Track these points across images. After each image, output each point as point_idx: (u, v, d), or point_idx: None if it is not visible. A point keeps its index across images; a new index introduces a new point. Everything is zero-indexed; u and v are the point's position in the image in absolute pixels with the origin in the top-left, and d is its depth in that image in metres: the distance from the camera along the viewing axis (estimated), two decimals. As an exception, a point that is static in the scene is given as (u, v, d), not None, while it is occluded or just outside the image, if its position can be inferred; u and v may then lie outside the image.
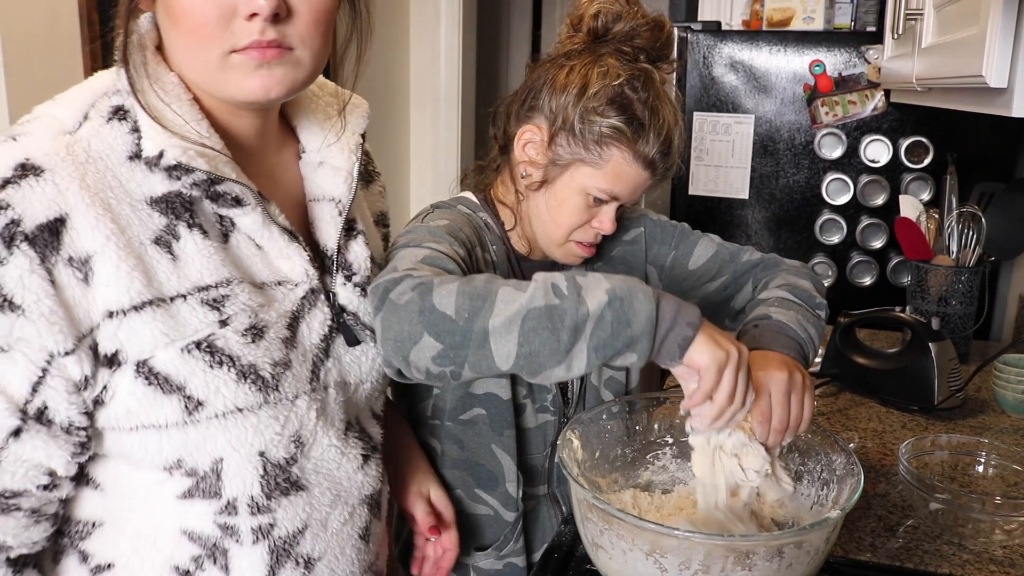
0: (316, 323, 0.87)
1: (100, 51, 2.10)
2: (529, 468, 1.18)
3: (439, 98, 3.24)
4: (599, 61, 1.05)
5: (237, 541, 0.83)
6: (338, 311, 0.90)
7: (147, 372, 0.75)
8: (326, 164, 0.92)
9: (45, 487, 0.75)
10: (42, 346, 0.71)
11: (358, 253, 0.93)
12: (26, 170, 0.71)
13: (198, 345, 0.76)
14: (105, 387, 0.75)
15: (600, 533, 0.88)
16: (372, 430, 0.97)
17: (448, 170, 3.29)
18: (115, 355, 0.74)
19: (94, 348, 0.73)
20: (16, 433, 0.72)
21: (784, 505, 1.01)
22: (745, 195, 2.31)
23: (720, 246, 1.23)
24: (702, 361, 0.83)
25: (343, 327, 0.90)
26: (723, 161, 2.30)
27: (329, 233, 0.90)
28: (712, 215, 2.34)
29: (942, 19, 1.32)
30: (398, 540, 1.28)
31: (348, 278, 0.91)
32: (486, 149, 1.21)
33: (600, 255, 1.21)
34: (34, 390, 0.71)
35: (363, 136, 0.96)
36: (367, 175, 1.07)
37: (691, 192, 2.33)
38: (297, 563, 0.87)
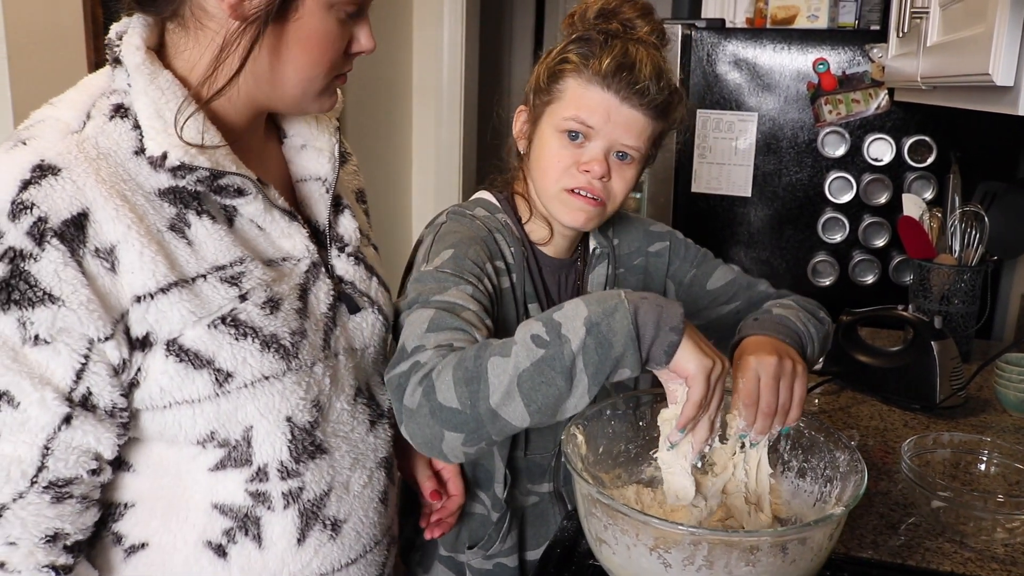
0: (322, 294, 0.92)
1: (103, 45, 2.10)
2: (532, 465, 1.19)
3: (442, 94, 3.24)
4: (573, 34, 1.10)
5: (269, 508, 0.87)
6: (337, 281, 0.95)
7: (177, 350, 0.79)
8: (309, 146, 0.98)
9: (93, 472, 0.79)
10: (83, 334, 0.74)
11: (347, 226, 0.99)
12: (43, 170, 0.74)
13: (223, 320, 0.81)
14: (139, 369, 0.79)
15: (604, 528, 0.88)
16: (381, 396, 1.01)
17: (450, 165, 3.29)
18: (146, 337, 0.78)
19: (127, 332, 0.77)
20: (67, 420, 0.75)
21: (788, 504, 1.01)
22: (748, 193, 2.31)
23: (739, 274, 1.26)
24: (689, 368, 0.85)
25: (344, 296, 0.95)
26: (726, 159, 2.30)
27: (320, 210, 0.97)
28: (715, 213, 2.34)
29: (948, 17, 1.32)
30: (400, 533, 1.28)
31: (341, 249, 0.97)
32: (499, 149, 1.24)
33: (623, 263, 1.23)
34: (78, 377, 0.75)
35: (337, 120, 1.03)
36: (342, 156, 1.12)
37: (694, 190, 2.33)
38: (325, 525, 0.91)
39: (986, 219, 1.75)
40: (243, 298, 0.82)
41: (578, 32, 1.09)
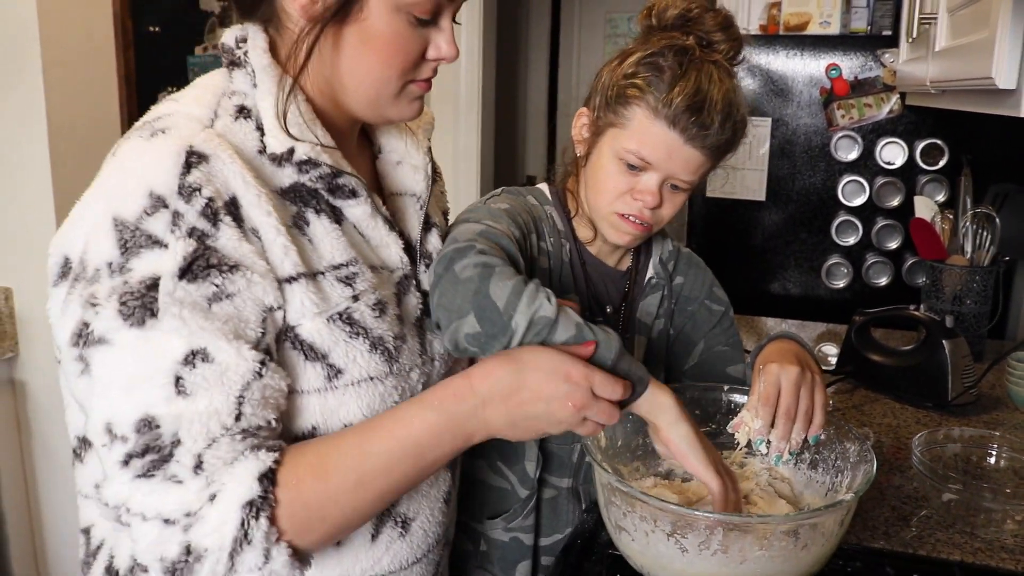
0: (411, 306, 0.94)
1: (133, 56, 2.16)
2: (551, 455, 1.21)
3: (459, 101, 3.29)
4: (647, 42, 1.09)
5: None
6: (424, 295, 0.97)
7: (292, 338, 0.82)
8: (405, 163, 1.01)
9: (277, 420, 0.79)
10: (262, 301, 0.78)
11: (435, 244, 1.01)
12: (198, 157, 0.77)
13: (340, 316, 0.84)
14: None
15: (623, 516, 0.92)
16: None
17: (468, 171, 3.33)
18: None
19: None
20: (262, 364, 0.77)
21: (801, 494, 1.04)
22: (762, 197, 2.34)
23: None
24: (703, 475, 0.90)
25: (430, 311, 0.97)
26: (740, 163, 2.33)
27: (413, 225, 1.00)
28: (729, 217, 2.37)
29: (955, 23, 1.35)
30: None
31: (428, 266, 0.99)
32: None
33: (679, 299, 1.27)
34: (263, 332, 0.78)
35: (429, 140, 1.05)
36: (432, 176, 1.14)
37: (708, 194, 2.36)
38: (396, 523, 0.93)
39: (997, 220, 1.77)
40: (356, 298, 0.85)
41: (653, 31, 1.08)
